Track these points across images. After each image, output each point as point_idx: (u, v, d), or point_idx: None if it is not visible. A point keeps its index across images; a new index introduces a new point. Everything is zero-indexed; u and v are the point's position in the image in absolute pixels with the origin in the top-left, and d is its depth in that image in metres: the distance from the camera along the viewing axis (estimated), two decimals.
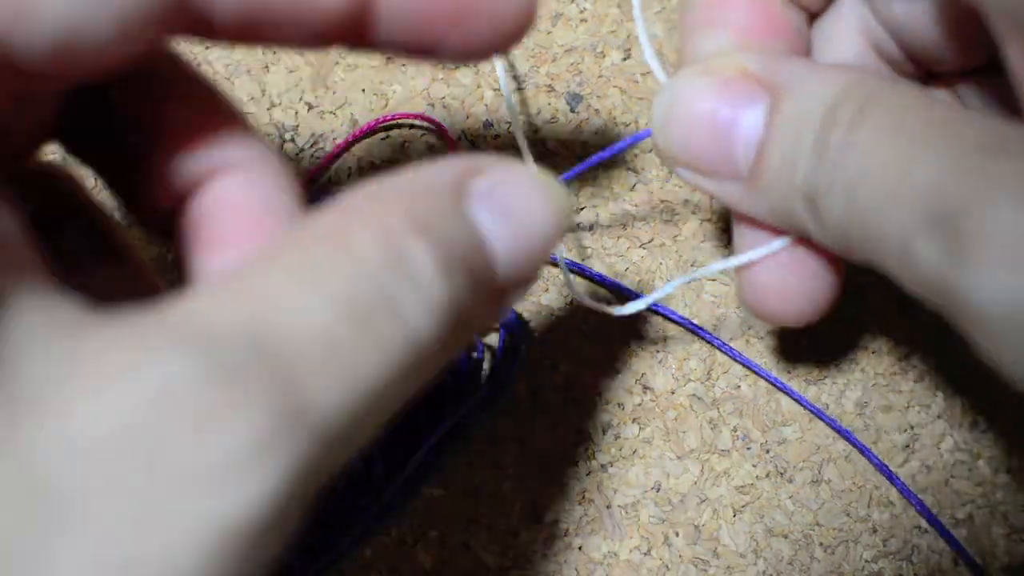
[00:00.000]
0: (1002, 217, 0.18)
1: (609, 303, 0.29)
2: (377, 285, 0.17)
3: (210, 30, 0.19)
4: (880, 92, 0.23)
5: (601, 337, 0.33)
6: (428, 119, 0.34)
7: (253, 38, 0.20)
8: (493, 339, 0.33)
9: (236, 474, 0.15)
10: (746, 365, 0.33)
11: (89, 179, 0.28)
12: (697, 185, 0.27)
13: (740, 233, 0.28)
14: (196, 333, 0.15)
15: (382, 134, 0.35)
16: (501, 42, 0.21)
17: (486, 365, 0.32)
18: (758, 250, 0.27)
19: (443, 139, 0.34)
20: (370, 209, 0.18)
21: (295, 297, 0.16)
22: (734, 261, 0.27)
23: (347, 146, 0.34)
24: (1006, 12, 0.20)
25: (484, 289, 0.19)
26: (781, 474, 0.32)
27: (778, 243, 0.26)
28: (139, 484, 0.14)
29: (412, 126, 0.35)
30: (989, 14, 0.21)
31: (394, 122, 0.34)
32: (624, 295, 0.33)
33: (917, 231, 0.20)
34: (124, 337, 0.15)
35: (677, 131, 0.26)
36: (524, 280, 0.20)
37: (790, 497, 0.32)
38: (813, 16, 0.29)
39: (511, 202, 0.19)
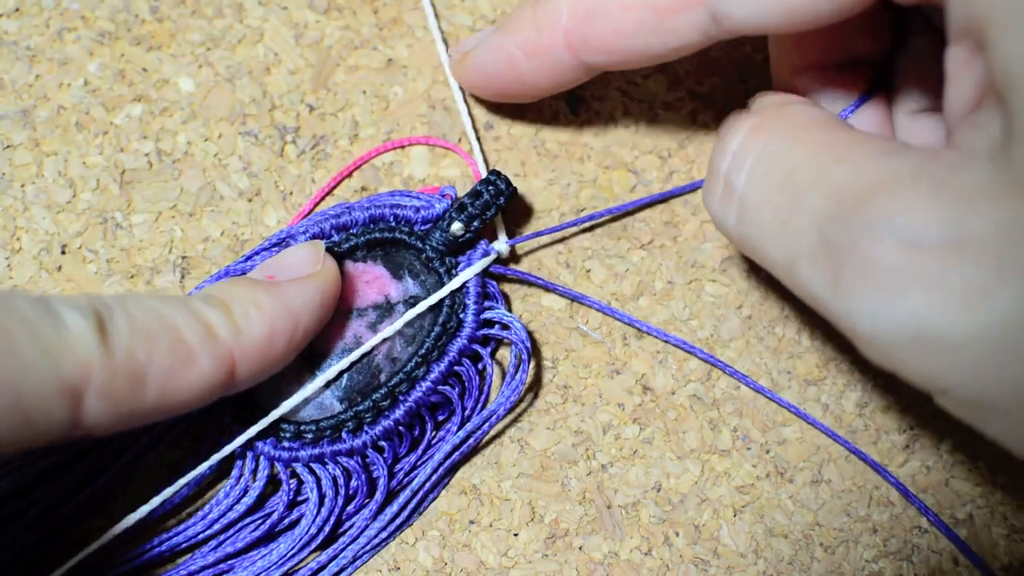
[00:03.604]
0: (880, 251, 0.20)
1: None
2: None
3: None
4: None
5: (601, 337, 0.33)
6: (439, 143, 0.34)
7: None
8: (503, 355, 0.33)
9: None
10: (733, 376, 0.33)
11: None
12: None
13: None
14: None
15: (383, 133, 0.35)
16: None
17: (495, 380, 0.32)
18: (467, 270, 0.30)
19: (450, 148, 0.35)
20: None
21: None
22: (401, 319, 0.30)
23: (356, 166, 0.34)
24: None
25: None
26: (781, 474, 0.32)
27: (488, 259, 0.31)
28: None
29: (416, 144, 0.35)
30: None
31: (404, 145, 0.34)
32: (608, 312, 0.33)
33: (802, 256, 0.22)
34: None
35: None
36: None
37: (790, 497, 0.32)
38: None
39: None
